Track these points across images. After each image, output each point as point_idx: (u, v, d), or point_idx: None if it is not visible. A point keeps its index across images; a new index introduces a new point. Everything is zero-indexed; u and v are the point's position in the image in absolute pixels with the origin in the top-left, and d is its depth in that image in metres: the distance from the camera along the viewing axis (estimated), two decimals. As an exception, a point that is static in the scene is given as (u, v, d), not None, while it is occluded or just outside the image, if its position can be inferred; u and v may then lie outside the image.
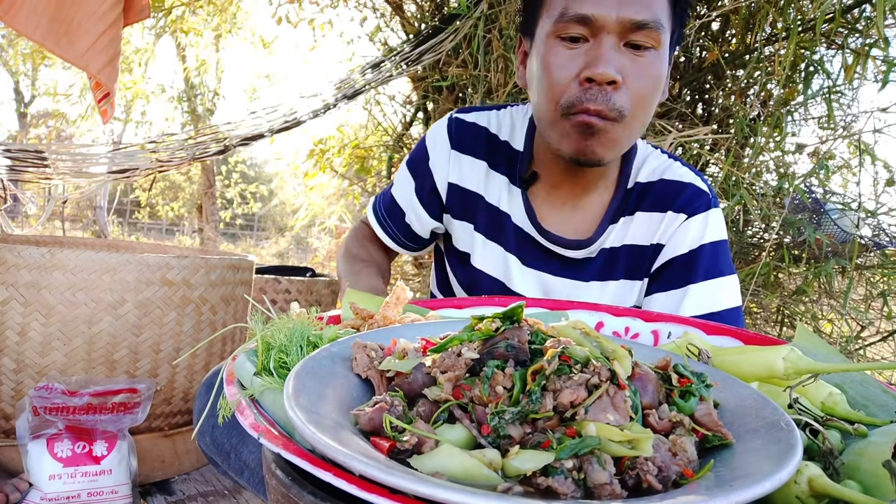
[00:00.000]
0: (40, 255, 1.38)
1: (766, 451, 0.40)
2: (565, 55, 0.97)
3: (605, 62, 0.93)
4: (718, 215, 1.12)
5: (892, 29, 2.17)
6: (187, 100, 8.71)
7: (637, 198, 1.13)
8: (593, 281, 1.14)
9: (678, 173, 1.13)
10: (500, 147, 1.20)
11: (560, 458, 0.38)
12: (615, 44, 0.95)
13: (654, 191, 1.12)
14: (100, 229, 5.09)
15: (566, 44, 0.97)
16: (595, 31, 0.95)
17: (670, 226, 1.10)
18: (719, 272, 1.08)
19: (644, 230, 1.12)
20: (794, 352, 0.55)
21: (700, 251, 1.08)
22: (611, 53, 0.94)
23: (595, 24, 0.94)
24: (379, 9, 3.14)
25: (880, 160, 2.21)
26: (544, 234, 1.14)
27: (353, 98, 2.70)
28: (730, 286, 1.08)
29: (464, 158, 1.22)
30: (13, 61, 9.18)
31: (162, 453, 1.55)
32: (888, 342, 2.44)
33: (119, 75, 2.46)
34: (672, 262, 1.10)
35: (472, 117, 1.24)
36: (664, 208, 1.11)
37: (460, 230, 1.24)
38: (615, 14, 0.93)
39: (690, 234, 1.09)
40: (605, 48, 0.94)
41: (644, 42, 0.96)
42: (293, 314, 0.61)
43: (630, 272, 1.13)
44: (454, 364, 0.47)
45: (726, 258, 1.11)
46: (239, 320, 1.69)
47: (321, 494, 0.39)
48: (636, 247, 1.12)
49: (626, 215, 1.13)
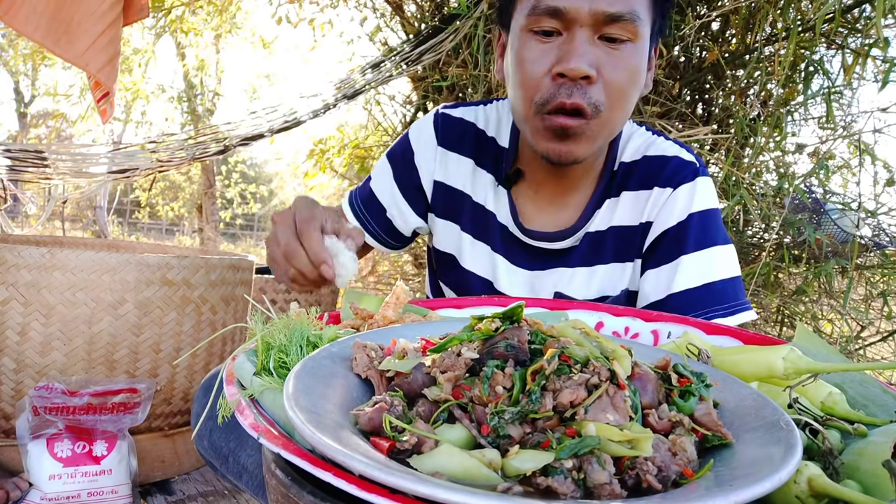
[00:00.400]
0: (40, 255, 1.38)
1: (766, 450, 0.40)
2: (538, 49, 0.94)
3: (578, 56, 0.90)
4: (707, 184, 1.08)
5: (891, 29, 2.17)
6: (187, 100, 8.71)
7: (622, 178, 1.09)
8: (579, 267, 1.10)
9: (661, 147, 1.09)
10: (487, 144, 1.17)
11: (560, 457, 0.38)
12: (589, 37, 0.92)
13: (639, 169, 1.09)
14: (100, 229, 5.09)
15: (539, 38, 0.94)
16: (568, 25, 0.92)
17: (657, 201, 1.06)
18: (711, 241, 1.04)
19: (630, 210, 1.08)
20: (794, 352, 0.55)
21: (689, 221, 1.04)
22: (584, 47, 0.91)
23: (567, 16, 0.91)
24: (379, 9, 3.14)
25: (880, 160, 2.21)
26: (527, 232, 1.11)
27: (353, 98, 2.70)
28: (725, 255, 1.04)
29: (450, 156, 1.18)
30: (13, 61, 9.18)
31: (162, 453, 1.55)
32: (888, 342, 2.44)
33: (119, 75, 2.46)
34: (662, 237, 1.06)
35: (459, 112, 1.20)
36: (650, 185, 1.07)
37: (444, 230, 1.20)
38: (587, 6, 0.90)
39: (678, 205, 1.05)
40: (577, 42, 0.91)
41: (619, 35, 0.92)
42: (293, 314, 0.61)
43: (619, 254, 1.09)
44: (454, 364, 0.47)
45: (719, 227, 1.06)
46: (239, 320, 1.69)
47: (321, 494, 0.39)
48: (623, 228, 1.09)
49: (611, 197, 1.10)
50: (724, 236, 1.06)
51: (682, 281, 1.02)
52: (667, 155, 1.08)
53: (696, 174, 1.07)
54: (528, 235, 1.11)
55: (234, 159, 12.76)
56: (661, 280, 1.04)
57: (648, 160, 1.08)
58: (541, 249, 1.12)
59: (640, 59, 0.95)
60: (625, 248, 1.09)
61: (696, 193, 1.05)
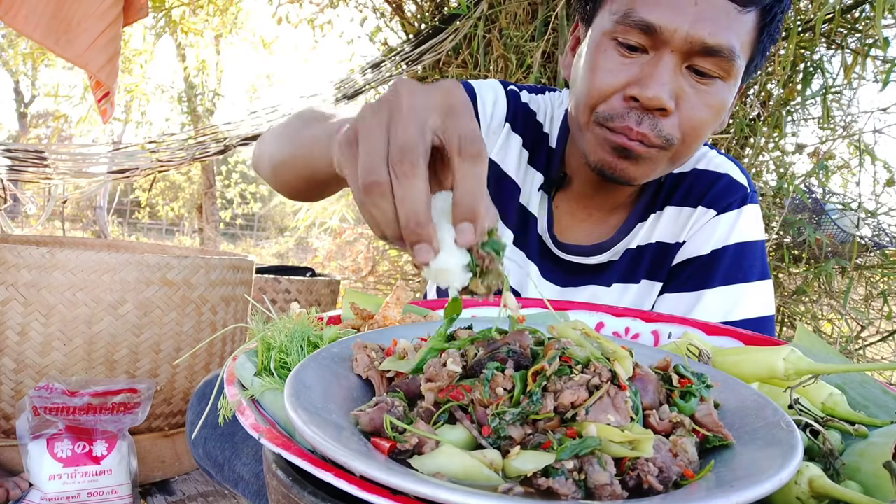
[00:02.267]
0: (40, 255, 1.38)
1: (767, 451, 0.40)
2: (617, 61, 0.84)
3: (660, 84, 0.80)
4: (754, 212, 0.98)
5: (891, 29, 2.17)
6: (187, 100, 8.70)
7: (668, 190, 1.00)
8: (616, 284, 1.01)
9: (713, 162, 1.00)
10: (542, 140, 1.04)
11: (561, 458, 0.38)
12: (676, 64, 0.81)
13: (686, 182, 0.99)
14: (100, 229, 5.09)
15: (621, 50, 0.83)
16: (657, 45, 0.81)
17: (698, 222, 0.97)
18: (743, 277, 0.94)
19: (671, 226, 0.99)
20: (795, 352, 0.55)
21: (723, 253, 0.95)
22: (668, 74, 0.80)
23: (660, 36, 0.80)
24: (379, 9, 3.14)
25: (880, 160, 2.21)
26: (561, 246, 1.02)
27: (353, 98, 2.70)
28: (755, 293, 0.94)
29: (514, 138, 1.03)
30: (13, 61, 9.17)
31: (162, 453, 1.55)
32: (888, 342, 2.44)
33: (119, 75, 2.46)
34: (690, 262, 0.97)
35: (525, 97, 1.06)
36: (694, 202, 0.98)
37: None
38: (686, 29, 0.78)
39: (717, 234, 0.96)
40: (662, 67, 0.80)
41: (711, 70, 0.81)
42: (293, 314, 0.61)
43: (651, 272, 1.00)
44: (438, 374, 0.46)
45: (755, 262, 0.96)
46: (239, 320, 1.69)
47: (322, 495, 0.39)
48: (663, 245, 0.99)
49: (656, 211, 1.00)
50: (759, 272, 0.96)
51: (700, 315, 0.93)
52: (718, 171, 0.99)
53: (744, 200, 0.97)
54: (563, 249, 1.02)
55: (234, 159, 12.76)
56: (678, 309, 0.96)
57: (698, 174, 0.99)
58: (575, 264, 1.03)
59: (727, 98, 0.85)
60: (659, 265, 1.00)
61: (738, 224, 0.96)
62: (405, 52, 2.59)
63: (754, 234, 0.97)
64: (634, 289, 1.01)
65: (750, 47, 0.83)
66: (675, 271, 0.99)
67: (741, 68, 0.83)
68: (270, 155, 0.90)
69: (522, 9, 2.29)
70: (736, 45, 0.80)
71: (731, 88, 0.85)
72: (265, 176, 0.96)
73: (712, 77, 0.82)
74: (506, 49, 2.36)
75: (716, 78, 0.82)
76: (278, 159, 0.87)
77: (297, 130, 0.83)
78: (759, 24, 0.83)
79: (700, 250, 0.96)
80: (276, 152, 0.88)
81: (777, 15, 0.83)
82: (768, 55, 0.90)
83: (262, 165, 0.95)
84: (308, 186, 0.84)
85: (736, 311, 0.93)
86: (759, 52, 0.86)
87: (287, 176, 0.86)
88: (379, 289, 3.86)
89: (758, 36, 0.83)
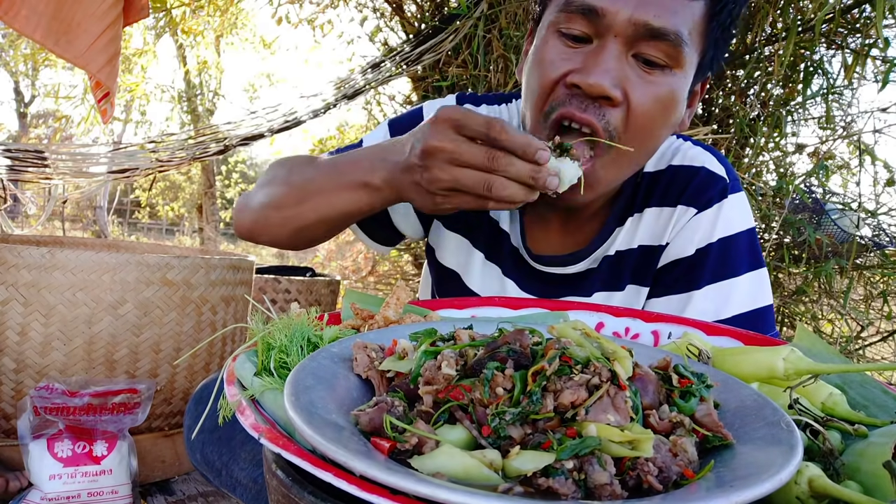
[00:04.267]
0: (40, 255, 1.38)
1: (767, 451, 0.40)
2: (560, 51, 0.81)
3: (602, 71, 0.77)
4: (736, 202, 0.94)
5: (891, 29, 2.17)
6: (187, 100, 8.70)
7: (646, 190, 0.96)
8: (598, 293, 0.99)
9: (688, 156, 0.96)
10: None
11: (560, 458, 0.38)
12: (621, 52, 0.78)
13: (663, 180, 0.96)
14: (100, 229, 5.08)
15: (565, 40, 0.81)
16: (601, 32, 0.79)
17: (679, 222, 0.94)
18: (732, 271, 0.92)
19: (653, 228, 0.96)
20: (795, 352, 0.55)
21: (707, 251, 0.92)
22: (611, 62, 0.78)
23: (602, 20, 0.78)
24: (379, 9, 3.14)
25: (880, 160, 2.21)
26: (536, 258, 1.00)
27: (353, 98, 2.70)
28: (747, 285, 0.92)
29: None
30: (13, 62, 9.17)
31: (162, 453, 1.55)
32: (888, 342, 2.44)
33: (119, 75, 2.47)
34: (675, 265, 0.95)
35: (484, 110, 1.05)
36: (673, 201, 0.95)
37: (452, 245, 1.06)
38: (629, 12, 0.76)
39: (699, 233, 0.93)
40: (605, 54, 0.78)
41: (658, 58, 0.79)
42: (293, 314, 0.61)
43: (637, 277, 0.98)
44: (434, 378, 0.46)
45: (744, 253, 0.93)
46: (239, 320, 1.69)
47: (321, 495, 0.39)
48: (646, 248, 0.97)
49: (634, 213, 0.97)
50: (751, 261, 0.93)
51: (692, 317, 0.89)
52: (694, 165, 0.95)
53: (724, 193, 0.94)
54: (538, 261, 1.00)
55: (234, 159, 12.77)
56: (669, 312, 0.92)
57: (674, 171, 0.96)
58: (553, 275, 1.01)
59: (677, 91, 0.81)
60: (645, 269, 0.97)
61: (720, 218, 0.93)
62: (405, 52, 2.59)
63: (739, 225, 0.94)
64: (619, 296, 0.98)
65: (699, 37, 0.81)
66: (661, 274, 0.96)
67: (690, 58, 0.81)
68: (276, 204, 0.93)
69: (522, 9, 2.29)
70: (683, 30, 0.78)
71: (681, 80, 0.82)
72: (261, 230, 0.97)
73: (660, 66, 0.79)
74: (506, 49, 2.36)
75: (664, 67, 0.80)
76: (287, 204, 0.91)
77: (305, 176, 0.91)
78: (709, 13, 0.81)
79: (684, 251, 0.94)
80: (282, 198, 0.92)
81: (728, 4, 0.81)
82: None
83: (259, 219, 0.96)
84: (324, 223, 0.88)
85: (727, 308, 0.91)
86: (711, 44, 0.84)
87: (297, 221, 0.90)
88: (379, 289, 3.86)
89: (707, 25, 0.81)
